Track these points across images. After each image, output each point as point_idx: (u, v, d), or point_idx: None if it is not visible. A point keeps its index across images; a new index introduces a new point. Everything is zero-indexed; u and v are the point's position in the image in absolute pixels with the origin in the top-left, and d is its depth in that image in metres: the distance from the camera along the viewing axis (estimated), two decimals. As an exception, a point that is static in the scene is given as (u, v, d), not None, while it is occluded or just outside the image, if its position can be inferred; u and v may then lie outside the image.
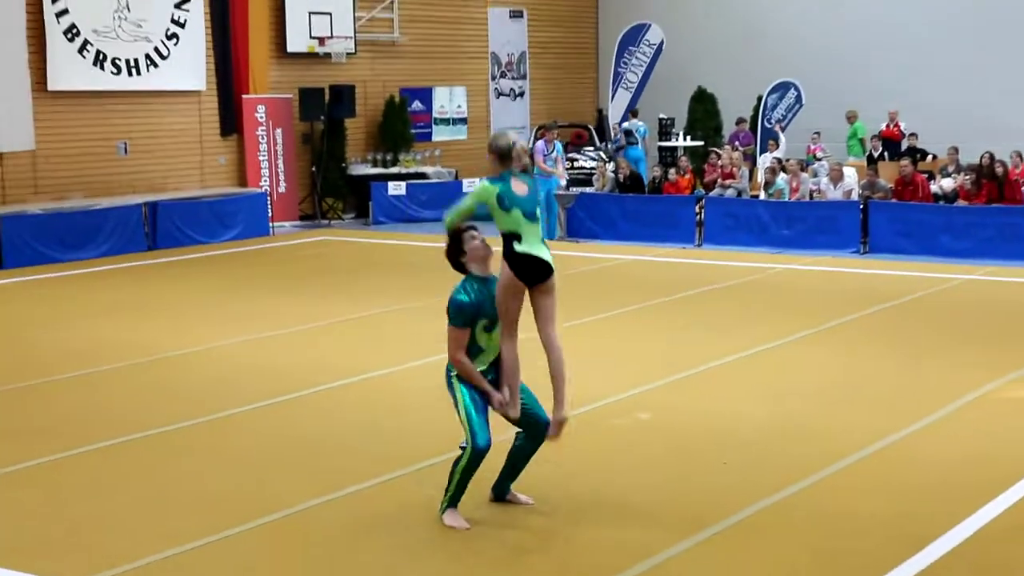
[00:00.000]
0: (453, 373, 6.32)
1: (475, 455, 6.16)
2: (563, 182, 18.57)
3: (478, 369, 6.25)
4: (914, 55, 23.08)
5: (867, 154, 20.90)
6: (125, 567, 5.77)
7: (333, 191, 20.98)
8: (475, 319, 6.23)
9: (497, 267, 6.25)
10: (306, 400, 8.95)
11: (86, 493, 6.94)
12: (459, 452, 6.24)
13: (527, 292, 6.19)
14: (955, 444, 7.66)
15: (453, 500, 6.25)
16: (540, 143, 18.31)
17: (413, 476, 7.11)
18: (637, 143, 22.16)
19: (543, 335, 6.26)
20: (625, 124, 22.50)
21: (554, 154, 18.24)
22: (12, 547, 6.10)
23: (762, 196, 18.03)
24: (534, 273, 6.11)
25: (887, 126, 21.44)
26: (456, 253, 6.34)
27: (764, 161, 19.47)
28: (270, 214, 19.35)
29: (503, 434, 6.50)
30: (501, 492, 6.51)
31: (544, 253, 6.13)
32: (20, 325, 12.12)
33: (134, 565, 5.79)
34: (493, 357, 6.31)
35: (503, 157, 6.22)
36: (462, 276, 6.39)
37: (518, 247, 6.07)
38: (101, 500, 6.82)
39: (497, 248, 6.26)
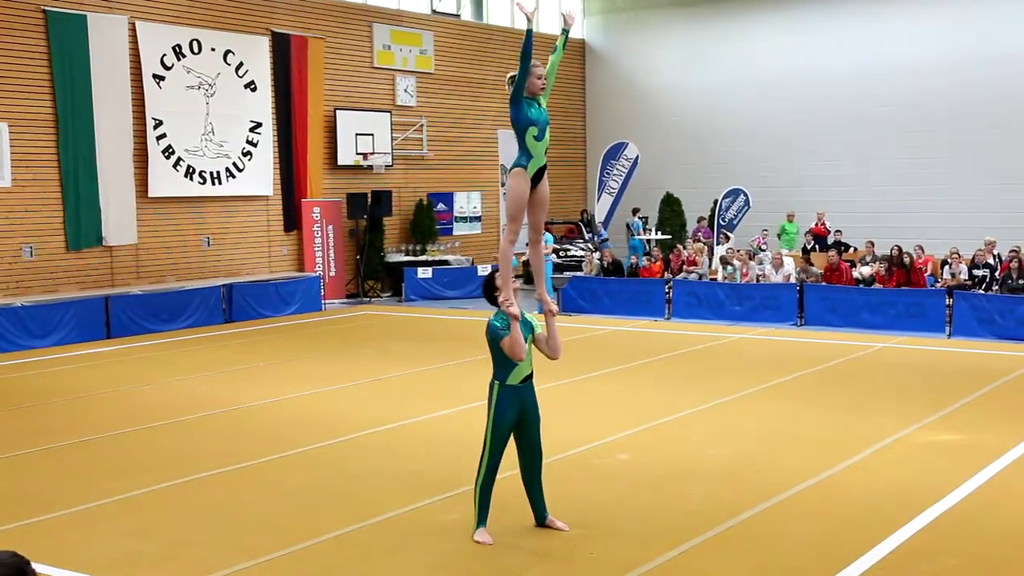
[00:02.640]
0: (494, 392, 6.21)
1: (488, 474, 6.16)
2: (554, 257, 19.42)
3: (514, 382, 6.18)
4: (840, 168, 23.32)
5: (801, 247, 21.02)
6: (208, 577, 5.79)
7: (373, 275, 21.04)
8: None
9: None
10: (353, 442, 8.95)
11: (177, 518, 6.94)
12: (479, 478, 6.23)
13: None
14: (876, 479, 7.64)
15: (481, 519, 6.23)
16: None
17: (443, 503, 7.10)
18: (635, 235, 22.35)
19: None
20: (627, 220, 22.83)
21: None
22: (118, 561, 6.11)
23: (719, 279, 18.10)
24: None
25: (816, 224, 21.59)
26: (491, 291, 6.31)
27: (719, 251, 19.59)
28: (323, 293, 19.37)
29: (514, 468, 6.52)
30: (540, 519, 6.44)
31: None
32: (124, 382, 12.13)
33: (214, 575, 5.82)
34: (528, 372, 6.25)
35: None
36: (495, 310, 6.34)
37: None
38: (189, 523, 6.82)
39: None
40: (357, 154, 20.91)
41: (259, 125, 19.34)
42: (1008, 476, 7.70)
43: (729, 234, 21.01)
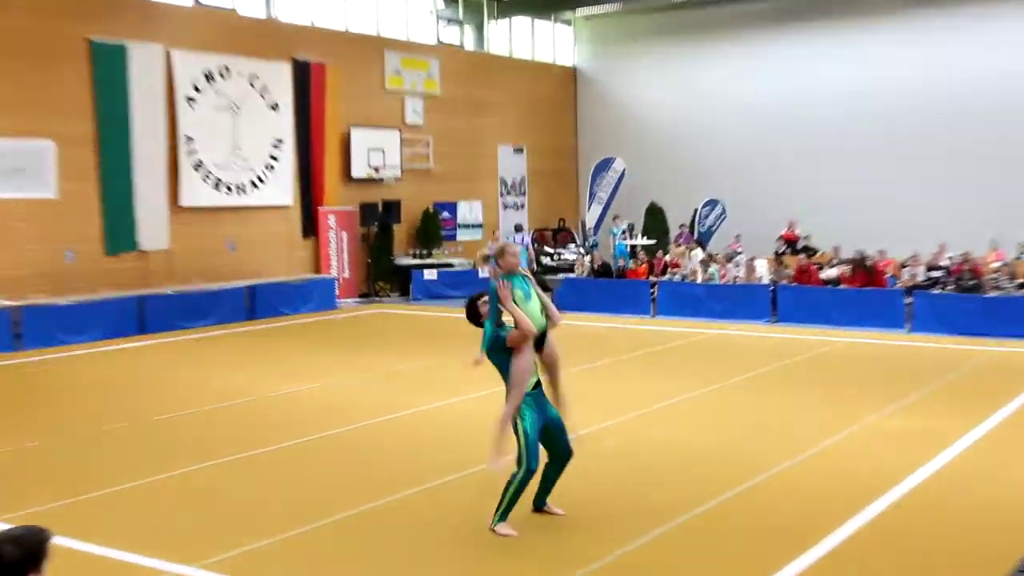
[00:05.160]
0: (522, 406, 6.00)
1: (527, 475, 5.88)
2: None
3: (527, 389, 5.96)
4: (810, 177, 23.22)
5: (774, 251, 20.87)
6: (225, 555, 5.69)
7: (383, 276, 20.95)
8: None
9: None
10: (364, 430, 8.86)
11: (196, 501, 6.85)
12: (511, 473, 5.93)
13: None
14: (839, 464, 7.54)
15: (504, 514, 5.92)
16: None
17: (447, 485, 7.00)
18: (618, 240, 22.03)
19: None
20: (611, 228, 22.57)
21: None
22: (152, 537, 6.00)
23: (699, 279, 17.99)
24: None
25: (787, 230, 21.45)
26: (475, 315, 6.22)
27: (697, 255, 19.32)
28: (337, 293, 19.27)
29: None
30: (539, 505, 6.26)
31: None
32: (155, 373, 12.05)
33: (232, 553, 5.72)
34: (536, 379, 6.06)
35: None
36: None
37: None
38: (208, 505, 6.73)
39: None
40: (369, 167, 20.82)
41: (281, 142, 19.23)
42: (963, 459, 7.60)
43: (702, 244, 20.72)
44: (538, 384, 6.11)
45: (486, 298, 6.17)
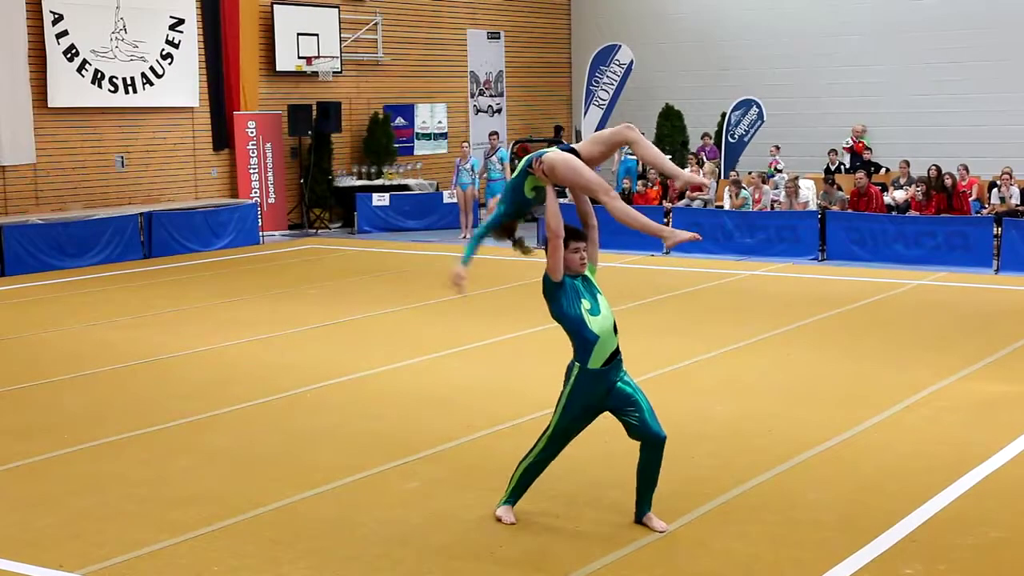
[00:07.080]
0: (572, 375, 6.00)
1: (538, 460, 6.05)
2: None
3: (596, 365, 5.93)
4: (871, 76, 23.19)
5: (824, 167, 20.94)
6: (120, 558, 5.73)
7: (320, 202, 20.95)
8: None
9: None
10: (296, 400, 8.90)
11: (84, 488, 6.89)
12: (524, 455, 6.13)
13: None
14: (906, 439, 7.68)
15: (511, 496, 6.14)
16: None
17: (399, 470, 7.09)
18: (625, 154, 21.85)
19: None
20: None
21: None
22: (13, 539, 6.05)
23: (726, 206, 18.03)
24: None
25: (853, 140, 21.45)
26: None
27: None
28: (260, 224, 19.32)
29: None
30: (640, 514, 6.12)
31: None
32: (22, 329, 12.01)
33: (129, 556, 5.76)
34: (613, 348, 6.00)
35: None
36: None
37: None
38: (98, 495, 6.77)
39: None
40: (300, 58, 20.69)
41: (181, 22, 19.05)
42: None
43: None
44: (613, 357, 6.00)
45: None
